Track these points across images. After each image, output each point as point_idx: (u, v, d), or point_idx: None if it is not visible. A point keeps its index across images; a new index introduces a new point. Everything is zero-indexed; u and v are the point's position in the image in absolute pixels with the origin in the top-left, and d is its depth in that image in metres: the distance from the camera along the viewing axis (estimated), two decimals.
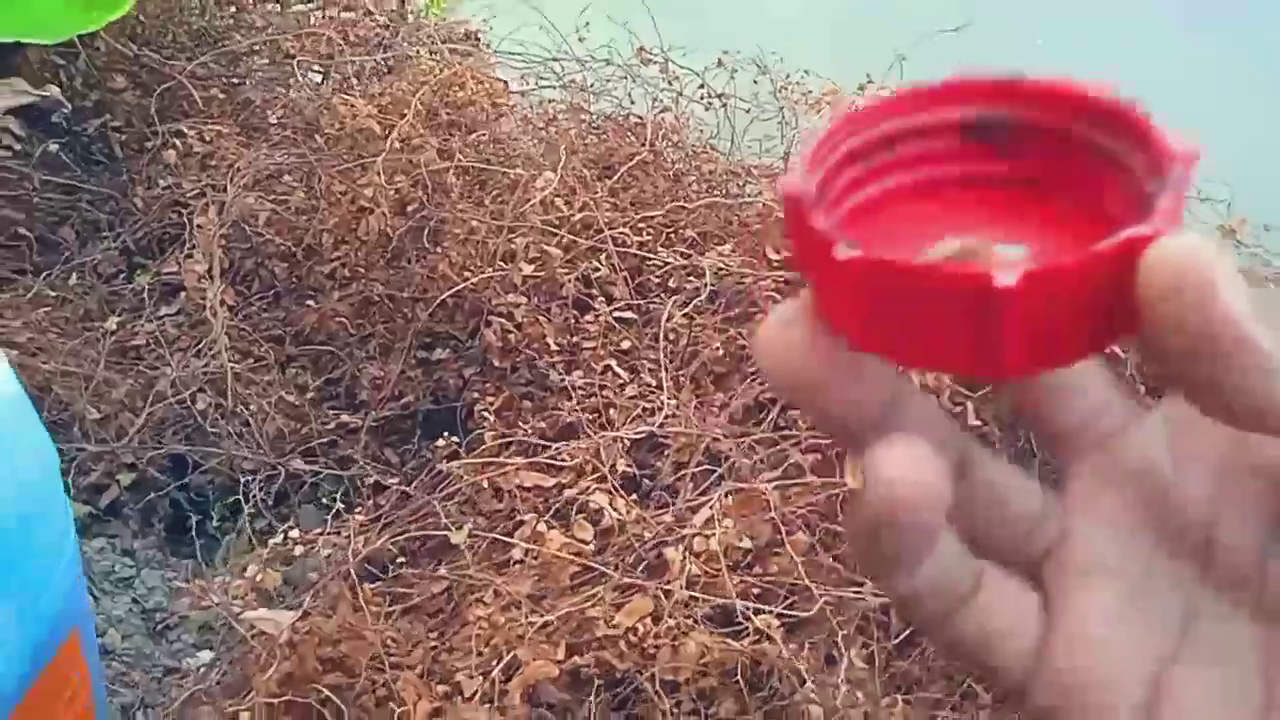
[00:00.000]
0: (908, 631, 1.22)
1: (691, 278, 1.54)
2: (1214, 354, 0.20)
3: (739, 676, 1.09)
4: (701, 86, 1.92)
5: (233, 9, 2.13)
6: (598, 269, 1.56)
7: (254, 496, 1.44)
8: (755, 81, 1.91)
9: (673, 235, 1.65)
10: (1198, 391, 0.22)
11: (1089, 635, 0.25)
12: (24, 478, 0.90)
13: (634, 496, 1.25)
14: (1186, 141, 0.22)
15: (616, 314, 1.52)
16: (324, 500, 1.51)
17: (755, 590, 1.14)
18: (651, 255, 1.58)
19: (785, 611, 1.12)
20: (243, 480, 1.47)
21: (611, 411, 1.37)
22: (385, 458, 1.58)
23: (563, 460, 1.26)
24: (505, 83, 1.93)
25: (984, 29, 1.90)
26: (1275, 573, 0.25)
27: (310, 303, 1.69)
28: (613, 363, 1.45)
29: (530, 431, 1.36)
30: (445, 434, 1.44)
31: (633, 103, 1.92)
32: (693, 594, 1.09)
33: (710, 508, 1.15)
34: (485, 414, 1.42)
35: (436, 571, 1.22)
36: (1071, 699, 0.25)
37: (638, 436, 1.31)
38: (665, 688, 1.07)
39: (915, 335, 0.22)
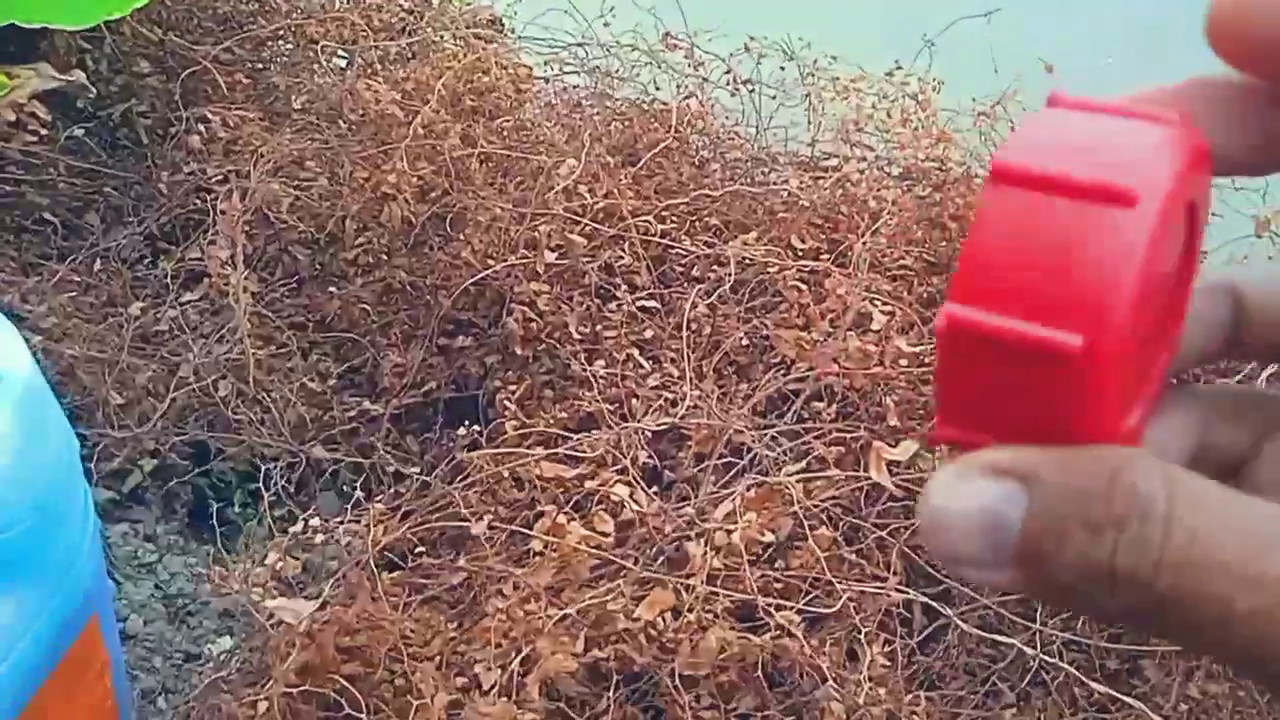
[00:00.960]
0: (931, 628, 1.21)
1: (715, 267, 1.53)
2: None
3: (759, 672, 1.08)
4: (728, 72, 1.90)
5: None
6: (621, 257, 1.55)
7: (275, 484, 1.44)
8: (782, 68, 1.89)
9: (697, 223, 1.63)
10: None
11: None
12: (44, 466, 0.90)
13: (655, 488, 1.24)
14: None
15: (639, 303, 1.50)
16: (344, 488, 1.51)
17: (777, 585, 1.13)
18: (675, 244, 1.57)
19: (806, 607, 1.11)
20: (264, 467, 1.47)
21: (633, 402, 1.36)
22: (406, 445, 1.58)
23: (583, 451, 1.25)
24: (529, 68, 1.92)
25: (1013, 14, 1.87)
26: None
27: (333, 289, 1.68)
28: (635, 352, 1.44)
29: (551, 422, 1.35)
30: (466, 422, 1.43)
31: (657, 89, 1.90)
32: (713, 589, 1.08)
33: (732, 501, 1.14)
34: (507, 403, 1.41)
35: (456, 562, 1.21)
36: None
37: (659, 428, 1.30)
38: (684, 682, 1.06)
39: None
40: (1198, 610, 0.19)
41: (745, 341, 1.43)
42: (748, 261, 1.50)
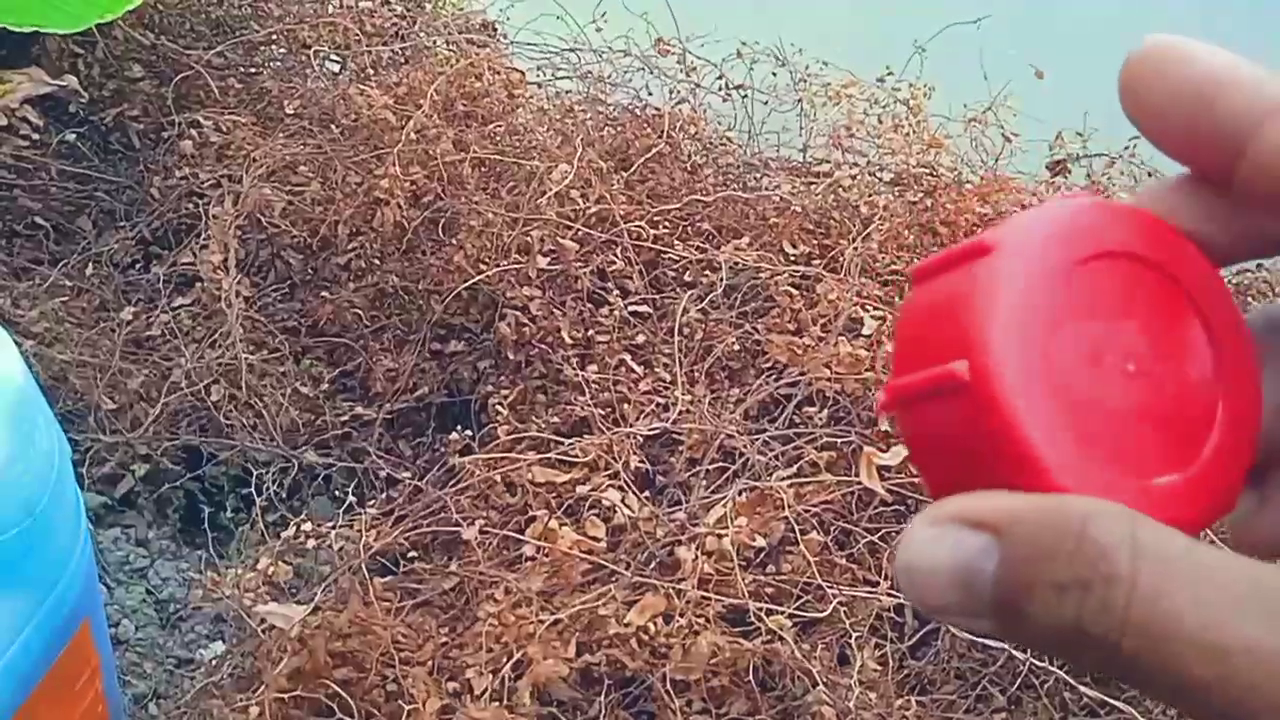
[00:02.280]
0: (922, 632, 1.22)
1: (707, 271, 1.53)
2: None
3: (750, 676, 1.08)
4: (719, 78, 1.90)
5: None
6: (613, 262, 1.55)
7: (267, 488, 1.44)
8: (774, 73, 1.89)
9: (689, 228, 1.63)
10: None
11: None
12: (35, 471, 0.90)
13: (646, 493, 1.24)
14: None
15: (631, 308, 1.51)
16: (337, 493, 1.51)
17: (768, 590, 1.13)
18: (667, 249, 1.57)
19: (797, 612, 1.11)
20: (256, 472, 1.46)
21: (625, 407, 1.36)
22: (399, 450, 1.58)
23: (575, 456, 1.25)
24: (522, 73, 1.92)
25: (1003, 20, 1.87)
26: None
27: (325, 294, 1.68)
28: (627, 357, 1.44)
29: (543, 427, 1.35)
30: (459, 427, 1.43)
31: (650, 94, 1.91)
32: (705, 593, 1.08)
33: (723, 506, 1.14)
34: (499, 407, 1.41)
35: (448, 567, 1.21)
36: None
37: (651, 432, 1.30)
38: (676, 687, 1.06)
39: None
40: (1163, 675, 0.19)
41: (737, 346, 1.44)
42: (739, 266, 1.50)
